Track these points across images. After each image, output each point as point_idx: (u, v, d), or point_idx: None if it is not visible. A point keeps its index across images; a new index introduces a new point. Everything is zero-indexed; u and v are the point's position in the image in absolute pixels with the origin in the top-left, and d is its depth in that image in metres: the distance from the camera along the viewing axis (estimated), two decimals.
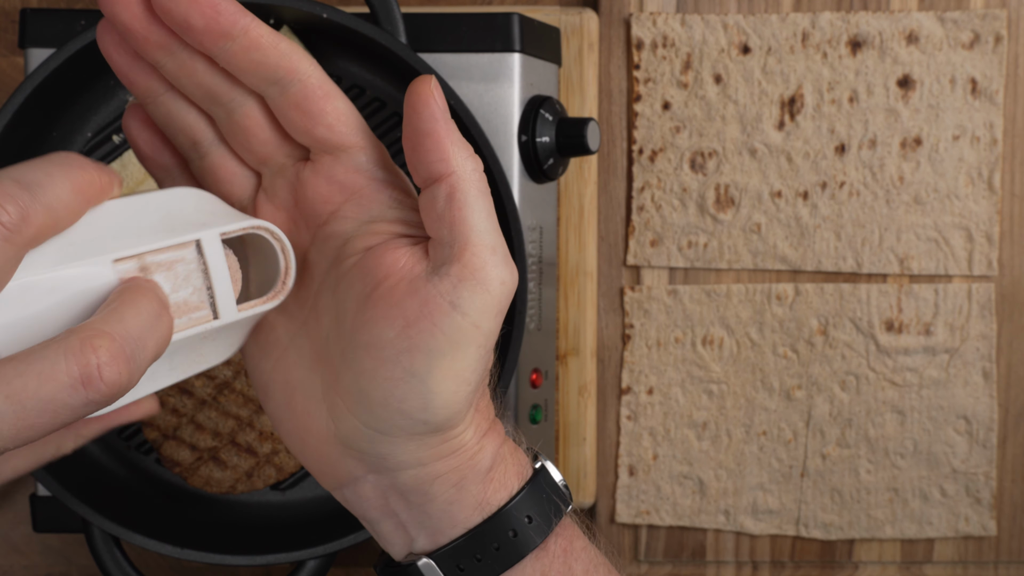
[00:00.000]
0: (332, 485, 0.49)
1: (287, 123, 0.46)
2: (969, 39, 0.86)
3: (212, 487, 0.76)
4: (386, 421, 0.45)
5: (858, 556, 0.89)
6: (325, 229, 0.47)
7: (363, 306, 0.45)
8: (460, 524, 0.48)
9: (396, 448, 0.46)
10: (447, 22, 0.75)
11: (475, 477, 0.47)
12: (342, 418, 0.46)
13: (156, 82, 0.46)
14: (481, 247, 0.44)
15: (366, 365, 0.45)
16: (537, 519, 0.48)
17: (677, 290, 0.88)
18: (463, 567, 0.47)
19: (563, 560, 0.49)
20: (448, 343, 0.44)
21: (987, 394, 0.87)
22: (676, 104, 0.87)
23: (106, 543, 0.74)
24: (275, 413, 0.49)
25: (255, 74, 0.44)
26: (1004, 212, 0.87)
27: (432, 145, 0.44)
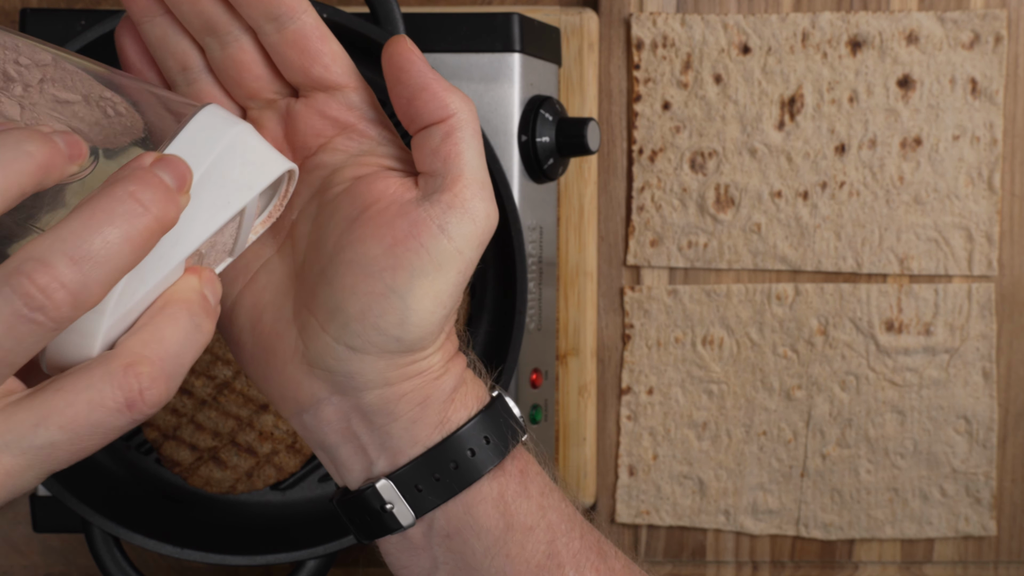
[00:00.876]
0: (293, 410, 0.49)
1: (282, 61, 0.47)
2: (969, 39, 0.86)
3: (212, 487, 0.76)
4: (360, 336, 0.46)
5: (858, 556, 0.89)
6: (313, 159, 0.49)
7: (351, 226, 0.47)
8: (420, 443, 0.49)
9: (365, 366, 0.47)
10: (447, 22, 0.75)
11: (439, 396, 0.49)
12: (313, 336, 0.47)
13: (155, 3, 0.47)
14: (472, 180, 0.47)
15: (347, 280, 0.46)
16: (495, 440, 0.49)
17: (677, 290, 0.88)
18: (421, 487, 0.49)
19: (519, 480, 0.50)
20: (432, 264, 0.46)
21: (987, 394, 0.87)
22: (676, 104, 0.87)
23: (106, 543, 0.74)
24: (239, 338, 0.50)
25: (257, 8, 0.46)
26: (1004, 212, 0.87)
27: (429, 96, 0.46)
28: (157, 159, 0.41)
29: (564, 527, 0.51)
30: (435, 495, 0.49)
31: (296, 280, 0.49)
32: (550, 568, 0.50)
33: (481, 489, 0.49)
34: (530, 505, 0.50)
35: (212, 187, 0.43)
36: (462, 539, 0.49)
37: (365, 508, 0.50)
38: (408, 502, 0.49)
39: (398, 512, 0.49)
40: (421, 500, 0.49)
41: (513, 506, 0.50)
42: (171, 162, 0.41)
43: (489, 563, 0.49)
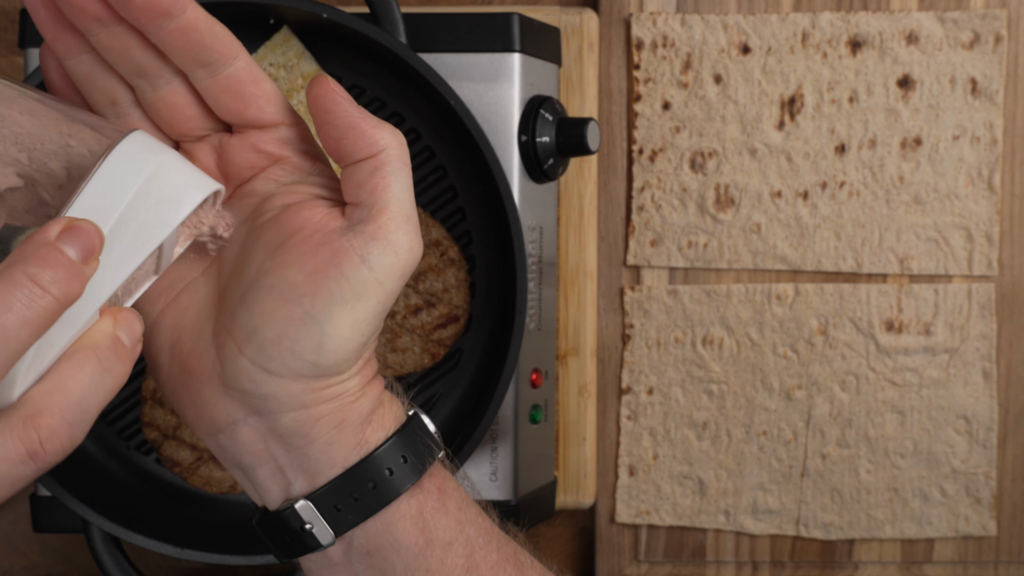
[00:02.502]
0: (208, 430, 0.50)
1: (215, 103, 0.48)
2: (969, 39, 0.86)
3: (212, 487, 0.76)
4: (276, 360, 0.47)
5: (858, 556, 0.89)
6: (245, 188, 0.50)
7: (274, 252, 0.47)
8: (339, 464, 0.49)
9: (281, 389, 0.47)
10: (447, 22, 0.75)
11: (356, 419, 0.49)
12: (230, 358, 0.48)
13: (81, 43, 0.47)
14: (397, 213, 0.47)
15: (267, 305, 0.47)
16: (412, 459, 0.50)
17: (677, 290, 0.88)
18: (340, 507, 0.49)
19: (437, 497, 0.51)
20: (352, 292, 0.46)
21: (987, 394, 0.87)
22: (676, 104, 0.87)
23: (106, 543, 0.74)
24: (156, 357, 0.50)
25: (188, 55, 0.46)
26: (1004, 212, 0.87)
27: (357, 135, 0.47)
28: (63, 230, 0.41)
29: (482, 540, 0.51)
30: (354, 514, 0.49)
31: (218, 303, 0.49)
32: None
33: (400, 507, 0.50)
34: (448, 520, 0.51)
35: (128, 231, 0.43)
36: (382, 556, 0.50)
37: (284, 528, 0.50)
38: (327, 522, 0.49)
39: (317, 532, 0.49)
40: (340, 519, 0.49)
41: (432, 522, 0.50)
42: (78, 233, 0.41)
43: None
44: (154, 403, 0.76)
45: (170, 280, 0.50)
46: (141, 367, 0.77)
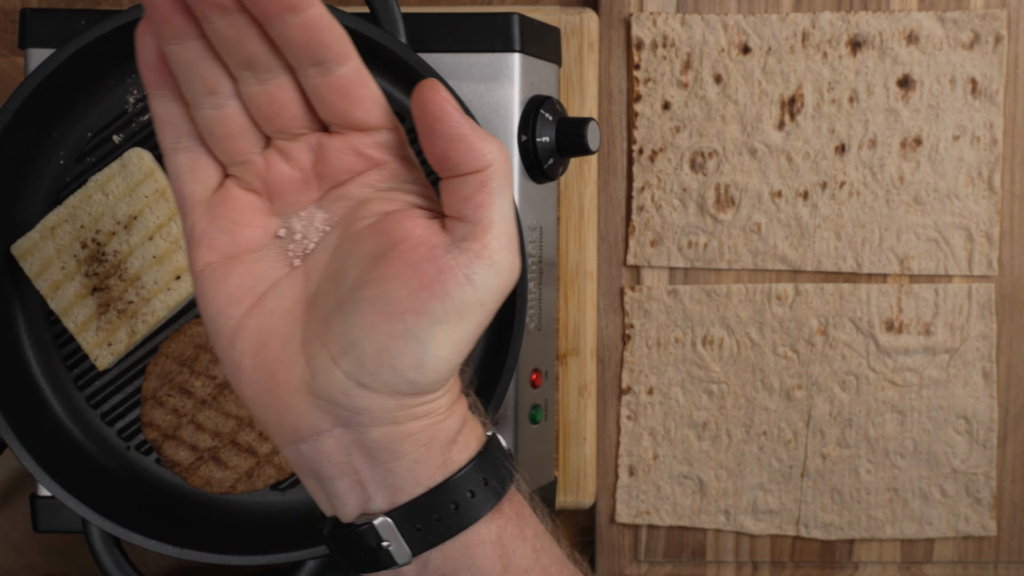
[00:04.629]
0: (290, 439, 0.49)
1: (321, 103, 0.46)
2: (969, 39, 0.86)
3: (212, 487, 0.76)
4: (373, 375, 0.46)
5: (858, 556, 0.89)
6: (339, 191, 0.49)
7: (375, 263, 0.46)
8: (423, 483, 0.48)
9: (374, 404, 0.46)
10: (447, 22, 0.75)
11: (444, 438, 0.48)
12: (323, 369, 0.46)
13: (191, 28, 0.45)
14: (502, 232, 0.46)
15: (367, 318, 0.45)
16: (493, 482, 0.49)
17: (677, 290, 0.88)
18: (420, 527, 0.48)
19: (516, 523, 0.50)
20: (455, 312, 0.45)
21: (987, 394, 0.87)
22: (676, 104, 0.87)
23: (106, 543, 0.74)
24: (240, 361, 0.48)
25: (305, 52, 0.45)
26: (1004, 212, 0.87)
27: (466, 148, 0.46)
28: None
29: (556, 569, 0.51)
30: (434, 535, 0.48)
31: (308, 309, 0.48)
32: None
33: (480, 531, 0.49)
34: (526, 547, 0.50)
35: None
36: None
37: (359, 543, 0.49)
38: (406, 541, 0.48)
39: (394, 550, 0.48)
40: (419, 539, 0.48)
41: (510, 548, 0.49)
42: None
43: None
44: (154, 403, 0.76)
45: (253, 281, 0.49)
46: (141, 367, 0.77)
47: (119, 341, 0.76)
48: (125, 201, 0.75)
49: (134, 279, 0.75)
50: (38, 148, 0.76)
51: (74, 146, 0.77)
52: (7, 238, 0.76)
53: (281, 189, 0.49)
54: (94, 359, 0.76)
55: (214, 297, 0.49)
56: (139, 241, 0.75)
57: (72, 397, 0.78)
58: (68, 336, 0.77)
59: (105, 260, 0.75)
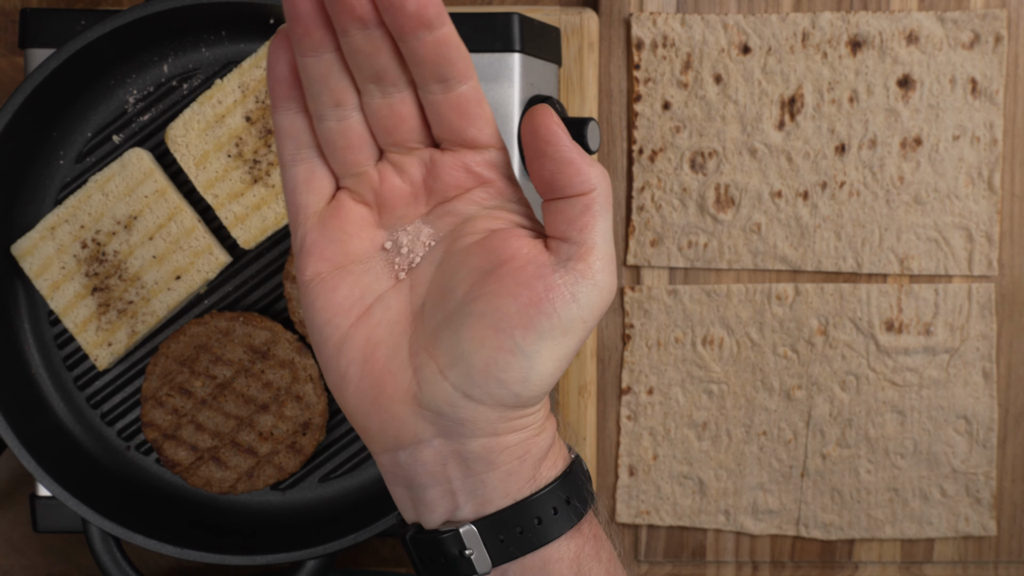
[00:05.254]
0: (390, 446, 0.50)
1: (439, 119, 0.49)
2: (969, 39, 0.86)
3: (212, 487, 0.76)
4: (480, 387, 0.48)
5: (858, 556, 0.89)
6: (446, 207, 0.51)
7: (484, 279, 0.48)
8: (510, 496, 0.50)
9: (478, 415, 0.48)
10: None
11: (536, 452, 0.50)
12: (431, 379, 0.48)
13: (329, 41, 0.47)
14: (604, 253, 0.49)
15: (476, 332, 0.48)
16: (575, 502, 0.50)
17: (677, 290, 0.88)
18: (504, 538, 0.49)
19: (594, 544, 0.51)
20: (561, 329, 0.47)
21: (987, 394, 0.87)
22: (676, 104, 0.87)
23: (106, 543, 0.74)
24: (347, 370, 0.50)
25: (433, 68, 0.47)
26: (1004, 212, 0.87)
27: (574, 172, 0.48)
28: None
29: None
30: (516, 547, 0.49)
31: (414, 321, 0.50)
32: None
33: (559, 547, 0.50)
34: (600, 569, 0.51)
35: None
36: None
37: (441, 550, 0.50)
38: (488, 551, 0.50)
39: (476, 559, 0.50)
40: (501, 551, 0.50)
41: (586, 568, 0.50)
42: None
43: None
44: (154, 403, 0.76)
45: (361, 292, 0.50)
46: (141, 367, 0.77)
47: (119, 341, 0.76)
48: (125, 201, 0.75)
49: (134, 279, 0.75)
50: (38, 148, 0.76)
51: (74, 146, 0.77)
52: (7, 238, 0.76)
53: (391, 202, 0.51)
54: (94, 359, 0.76)
55: (323, 307, 0.50)
56: (139, 241, 0.75)
57: (72, 397, 0.78)
58: (68, 336, 0.77)
59: (105, 260, 0.75)
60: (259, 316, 0.76)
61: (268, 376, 0.75)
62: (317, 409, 0.76)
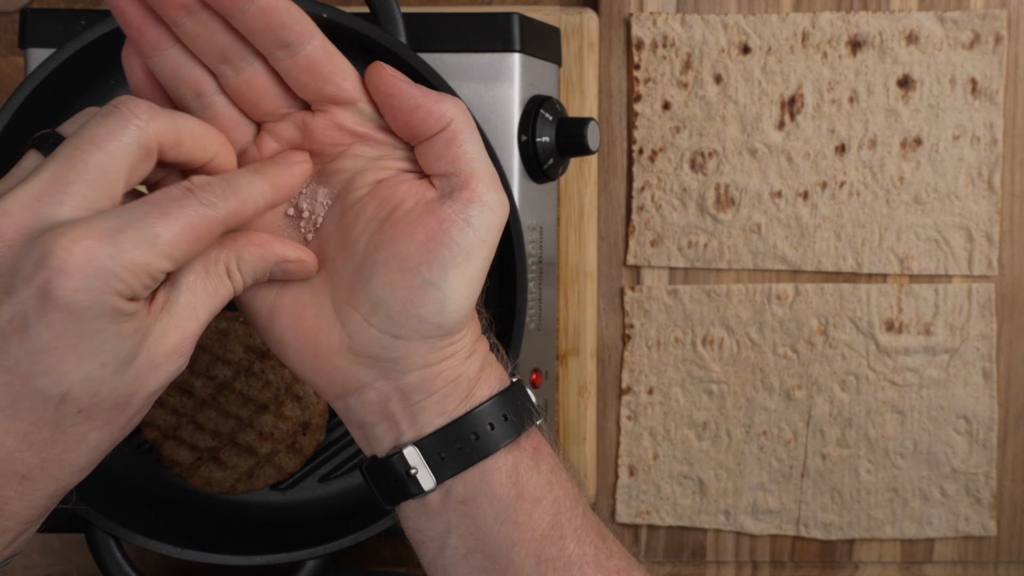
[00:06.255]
0: (338, 394, 0.54)
1: (295, 83, 0.51)
2: (969, 39, 0.86)
3: (212, 487, 0.76)
4: (404, 326, 0.51)
5: (858, 556, 0.89)
6: (332, 165, 0.53)
7: (381, 227, 0.51)
8: (446, 414, 0.53)
9: (409, 351, 0.51)
10: (447, 22, 0.75)
11: (469, 374, 0.53)
12: (359, 329, 0.51)
13: (166, 37, 0.49)
14: (483, 175, 0.51)
15: (386, 277, 0.50)
16: (512, 418, 0.54)
17: (677, 290, 0.88)
18: (444, 455, 0.53)
19: (532, 456, 0.54)
20: (462, 254, 0.50)
21: (987, 394, 0.87)
22: (676, 104, 0.87)
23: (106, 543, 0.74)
24: (282, 336, 0.53)
25: (268, 36, 0.49)
26: (1004, 212, 0.87)
27: (424, 114, 0.51)
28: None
29: (569, 503, 0.54)
30: (456, 463, 0.53)
31: (330, 278, 0.53)
32: (553, 538, 0.53)
33: (497, 460, 0.53)
34: (539, 479, 0.54)
35: None
36: (476, 505, 0.53)
37: (391, 473, 0.53)
38: (431, 468, 0.53)
39: (421, 477, 0.53)
40: (443, 467, 0.53)
41: (524, 478, 0.53)
42: None
43: (498, 528, 0.53)
44: (154, 403, 0.76)
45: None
46: None
47: None
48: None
49: None
50: None
51: None
52: None
53: None
54: None
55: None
56: None
57: None
58: None
59: None
60: None
61: (268, 376, 0.75)
62: (317, 409, 0.76)
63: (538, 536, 0.53)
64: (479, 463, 0.53)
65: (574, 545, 0.54)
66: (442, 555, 0.54)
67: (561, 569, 0.53)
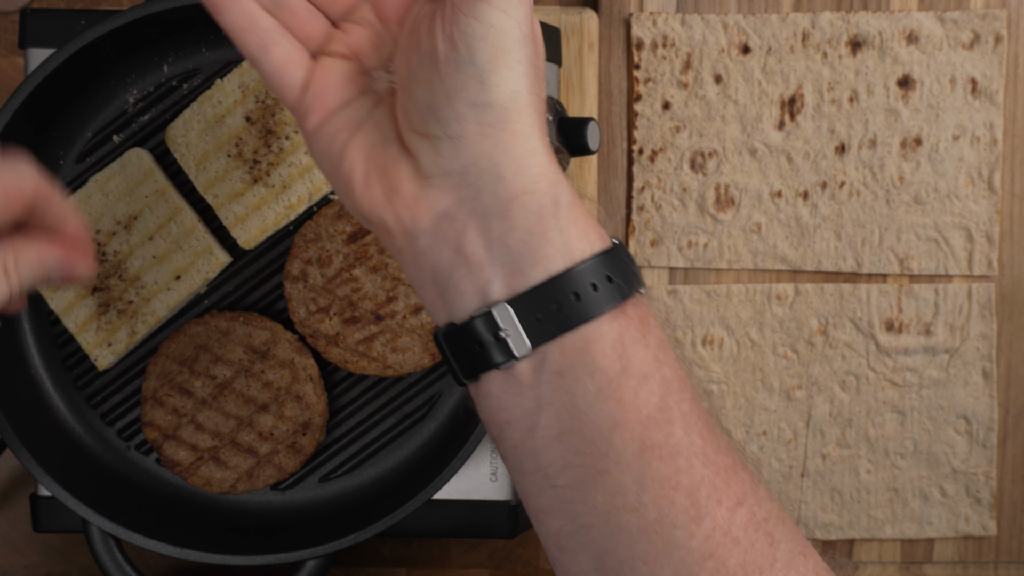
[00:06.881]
0: (411, 233, 0.50)
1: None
2: (969, 39, 0.86)
3: (212, 487, 0.76)
4: (455, 120, 0.48)
5: (858, 556, 0.89)
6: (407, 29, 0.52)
7: (409, 43, 0.51)
8: (541, 265, 0.48)
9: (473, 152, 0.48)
10: None
11: (552, 209, 0.48)
12: (422, 149, 0.49)
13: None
14: None
15: (423, 81, 0.49)
16: (618, 281, 0.48)
17: (677, 290, 0.88)
18: (541, 316, 0.47)
19: (639, 327, 0.49)
20: (486, 27, 0.47)
21: (987, 394, 0.87)
22: (676, 104, 0.87)
23: (106, 543, 0.74)
24: (352, 170, 0.51)
25: None
26: (1004, 212, 0.87)
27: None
28: None
29: (677, 385, 0.49)
30: (554, 324, 0.47)
31: (397, 116, 0.51)
32: (660, 422, 0.48)
33: (601, 327, 0.47)
34: (647, 354, 0.48)
35: None
36: (575, 377, 0.47)
37: (474, 338, 0.48)
38: (525, 330, 0.47)
39: (513, 342, 0.47)
40: (539, 329, 0.47)
41: (631, 350, 0.48)
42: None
43: (600, 406, 0.47)
44: (154, 403, 0.76)
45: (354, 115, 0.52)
46: (141, 367, 0.77)
47: (119, 341, 0.76)
48: (125, 201, 0.75)
49: (134, 279, 0.75)
50: (38, 148, 0.76)
51: (74, 146, 0.77)
52: None
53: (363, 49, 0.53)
54: (94, 359, 0.76)
55: (323, 134, 0.52)
56: (139, 241, 0.75)
57: (72, 397, 0.78)
58: (68, 336, 0.77)
59: (105, 260, 0.75)
60: (259, 316, 0.76)
61: (268, 376, 0.75)
62: (317, 409, 0.76)
63: (643, 418, 0.47)
64: (580, 327, 0.47)
65: (682, 432, 0.48)
66: (532, 436, 0.48)
67: (667, 458, 0.47)
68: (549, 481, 0.48)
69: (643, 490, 0.47)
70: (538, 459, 0.48)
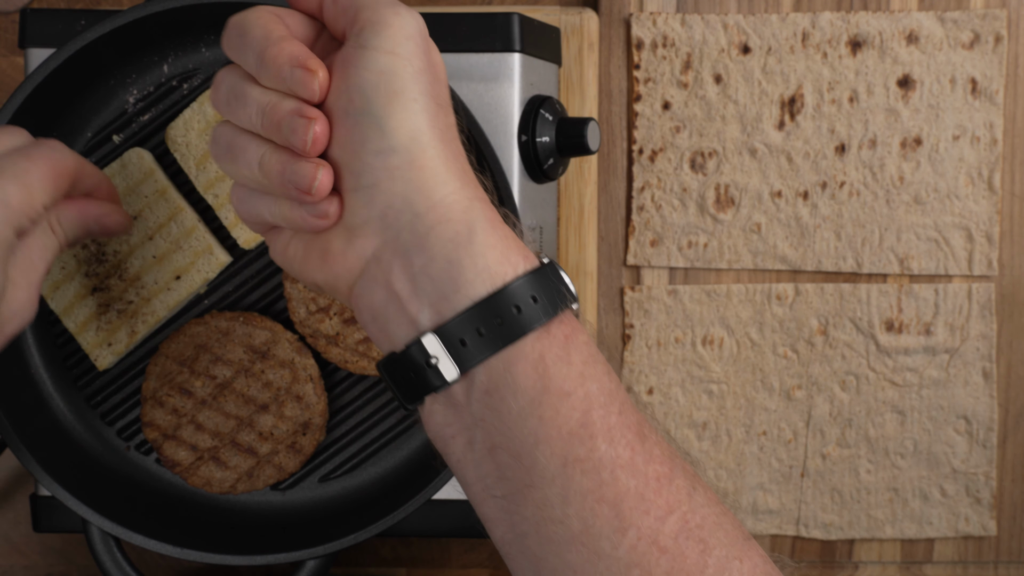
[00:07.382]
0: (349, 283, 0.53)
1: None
2: (969, 39, 0.86)
3: (212, 487, 0.76)
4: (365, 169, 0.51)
5: (858, 556, 0.89)
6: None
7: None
8: (463, 291, 0.50)
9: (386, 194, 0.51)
10: (447, 22, 0.75)
11: (467, 236, 0.50)
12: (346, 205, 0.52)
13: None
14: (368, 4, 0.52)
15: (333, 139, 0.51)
16: (543, 301, 0.50)
17: (677, 290, 0.88)
18: (466, 341, 0.49)
19: (562, 345, 0.50)
20: (376, 74, 0.50)
21: (987, 394, 0.87)
22: (676, 104, 0.87)
23: (106, 543, 0.74)
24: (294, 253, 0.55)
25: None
26: (1004, 212, 0.87)
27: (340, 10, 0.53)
28: None
29: (602, 399, 0.51)
30: (478, 350, 0.49)
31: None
32: (581, 437, 0.49)
33: (524, 347, 0.49)
34: (570, 372, 0.50)
35: None
36: (500, 396, 0.49)
37: (410, 365, 0.51)
38: (452, 356, 0.50)
39: (443, 367, 0.50)
40: (465, 354, 0.49)
41: (552, 370, 0.50)
42: None
43: (523, 424, 0.49)
44: (154, 403, 0.76)
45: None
46: (141, 367, 0.77)
47: (119, 341, 0.76)
48: (125, 201, 0.75)
49: (134, 279, 0.75)
50: None
51: (74, 146, 0.76)
52: None
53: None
54: (94, 359, 0.76)
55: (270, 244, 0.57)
56: (139, 241, 0.75)
57: (72, 397, 0.78)
58: (68, 336, 0.77)
59: (105, 260, 0.75)
60: (259, 316, 0.76)
61: (268, 376, 0.75)
62: (317, 409, 0.76)
63: (565, 434, 0.49)
64: (503, 349, 0.49)
65: (605, 446, 0.49)
66: (471, 449, 0.50)
67: (590, 472, 0.49)
68: (489, 492, 0.51)
69: (567, 503, 0.49)
70: (478, 470, 0.51)
